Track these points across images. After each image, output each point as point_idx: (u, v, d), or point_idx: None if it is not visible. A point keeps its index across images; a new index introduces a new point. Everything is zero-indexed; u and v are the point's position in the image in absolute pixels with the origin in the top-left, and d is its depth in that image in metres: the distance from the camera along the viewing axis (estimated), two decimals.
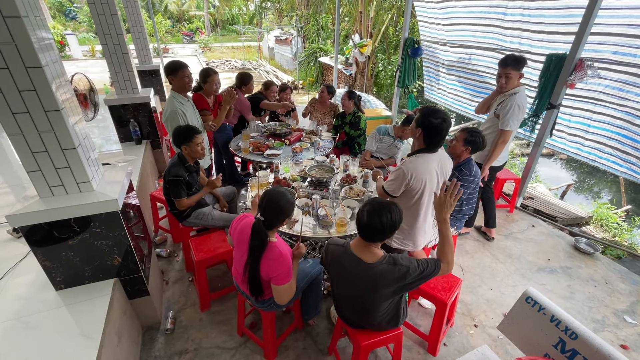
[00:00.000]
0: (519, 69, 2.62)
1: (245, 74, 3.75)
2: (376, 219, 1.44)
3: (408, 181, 1.87)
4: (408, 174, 1.86)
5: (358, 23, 10.40)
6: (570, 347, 1.47)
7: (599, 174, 6.93)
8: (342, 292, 1.69)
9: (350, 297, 1.65)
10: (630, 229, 4.19)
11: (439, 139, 1.85)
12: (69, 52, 16.33)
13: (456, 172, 2.38)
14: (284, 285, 1.65)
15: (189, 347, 2.18)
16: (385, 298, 1.56)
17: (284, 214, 1.64)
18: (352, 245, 1.57)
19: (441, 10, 4.51)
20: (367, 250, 1.53)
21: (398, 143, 3.28)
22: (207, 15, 27.05)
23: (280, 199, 1.62)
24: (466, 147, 2.35)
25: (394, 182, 1.94)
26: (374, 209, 1.45)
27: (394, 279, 1.49)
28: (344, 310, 1.76)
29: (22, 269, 2.04)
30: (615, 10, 2.79)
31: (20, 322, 1.67)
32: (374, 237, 1.48)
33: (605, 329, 2.39)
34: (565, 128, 3.44)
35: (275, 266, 1.61)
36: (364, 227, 1.47)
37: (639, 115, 2.82)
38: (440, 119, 1.78)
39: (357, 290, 1.58)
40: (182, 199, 2.35)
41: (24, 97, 1.44)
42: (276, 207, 1.61)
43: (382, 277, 1.49)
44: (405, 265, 1.48)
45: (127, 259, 1.94)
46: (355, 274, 1.54)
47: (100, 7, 3.23)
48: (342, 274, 1.62)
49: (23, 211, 1.59)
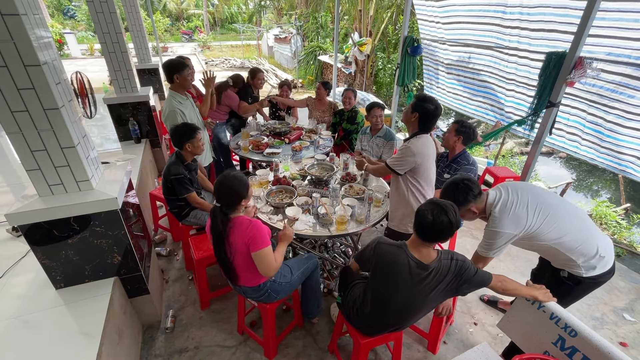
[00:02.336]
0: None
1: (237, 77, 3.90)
2: (443, 218, 1.39)
3: (415, 158, 2.00)
4: (415, 151, 1.99)
5: (357, 21, 10.37)
6: (569, 344, 1.47)
7: (598, 172, 6.93)
8: (387, 295, 1.57)
9: (398, 300, 1.55)
10: (629, 227, 4.20)
11: (433, 122, 2.02)
12: (67, 51, 16.27)
13: (454, 164, 2.41)
14: (262, 249, 1.65)
15: (189, 345, 2.18)
16: (440, 298, 1.55)
17: (235, 193, 1.67)
18: (409, 247, 1.53)
19: (440, 8, 4.49)
20: (424, 250, 1.50)
21: (376, 139, 3.25)
22: (206, 13, 26.96)
23: (229, 181, 1.67)
24: (458, 137, 2.47)
25: (401, 159, 2.04)
26: (439, 208, 1.41)
27: (453, 274, 1.48)
28: (379, 317, 1.63)
29: (21, 268, 2.04)
30: (608, 13, 2.80)
31: (20, 321, 1.67)
32: (439, 237, 1.44)
33: (605, 326, 2.39)
34: (564, 127, 3.44)
35: (247, 232, 1.65)
36: (430, 227, 1.41)
37: (629, 117, 2.84)
38: (434, 106, 1.97)
39: (411, 291, 1.51)
40: (192, 193, 2.38)
41: (22, 96, 1.44)
42: (226, 189, 1.66)
43: (441, 275, 1.48)
44: (461, 260, 1.51)
45: (127, 257, 1.94)
46: (413, 274, 1.48)
47: (99, 5, 3.22)
48: (396, 275, 1.51)
49: (22, 210, 1.59)
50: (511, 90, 3.83)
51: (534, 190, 1.69)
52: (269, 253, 1.68)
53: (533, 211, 1.60)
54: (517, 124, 3.50)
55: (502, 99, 4.01)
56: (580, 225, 1.65)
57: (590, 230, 1.65)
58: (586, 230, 1.64)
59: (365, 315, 1.67)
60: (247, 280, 1.81)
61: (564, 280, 1.72)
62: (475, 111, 4.50)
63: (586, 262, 1.62)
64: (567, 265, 1.69)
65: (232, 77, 3.84)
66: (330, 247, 2.97)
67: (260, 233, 1.66)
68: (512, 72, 3.74)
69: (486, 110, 4.32)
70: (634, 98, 2.80)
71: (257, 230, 1.66)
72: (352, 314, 1.74)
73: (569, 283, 1.71)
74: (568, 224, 1.62)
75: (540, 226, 1.60)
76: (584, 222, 1.67)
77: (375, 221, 2.27)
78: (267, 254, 1.67)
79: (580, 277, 1.67)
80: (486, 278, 1.53)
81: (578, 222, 1.65)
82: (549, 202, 1.64)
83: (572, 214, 1.67)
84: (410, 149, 1.99)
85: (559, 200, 1.72)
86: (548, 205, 1.63)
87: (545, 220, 1.60)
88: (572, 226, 1.62)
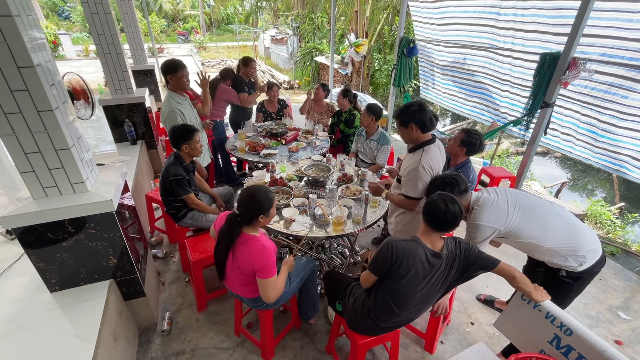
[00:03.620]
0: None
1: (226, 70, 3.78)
2: (455, 207, 1.48)
3: (430, 177, 1.90)
4: (428, 170, 1.88)
5: (354, 22, 10.40)
6: (565, 343, 1.48)
7: (593, 171, 7.00)
8: (406, 289, 1.55)
9: (417, 293, 1.56)
10: (623, 225, 4.25)
11: (430, 127, 1.92)
12: (62, 52, 16.13)
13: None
14: (269, 279, 1.64)
15: (186, 347, 2.17)
16: (451, 284, 1.61)
17: (257, 207, 1.64)
18: (422, 238, 1.57)
19: (435, 10, 4.52)
20: (434, 239, 1.56)
21: (370, 142, 3.25)
22: (202, 14, 26.90)
23: (254, 193, 1.66)
24: (461, 147, 2.32)
25: (419, 184, 1.90)
26: (450, 198, 1.50)
27: (461, 257, 1.55)
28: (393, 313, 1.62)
29: (15, 271, 2.02)
30: (603, 13, 2.82)
31: (14, 325, 1.66)
32: (451, 225, 1.50)
33: (600, 325, 2.41)
34: (558, 127, 3.47)
35: (259, 258, 1.62)
36: (444, 215, 1.47)
37: (623, 117, 2.87)
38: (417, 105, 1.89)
39: (429, 282, 1.55)
40: (191, 194, 2.38)
41: (16, 97, 1.43)
42: (249, 200, 1.64)
43: (451, 260, 1.55)
44: (464, 242, 1.59)
45: (123, 260, 1.93)
46: (431, 264, 1.53)
47: (93, 6, 3.20)
48: (417, 268, 1.51)
49: (16, 212, 1.57)
50: (506, 91, 3.86)
51: (513, 192, 1.81)
52: (275, 282, 1.68)
53: (513, 207, 1.71)
54: (512, 124, 3.52)
55: (497, 100, 4.04)
56: (562, 222, 1.72)
57: (573, 225, 1.72)
58: (569, 226, 1.71)
59: (378, 314, 1.63)
60: (241, 291, 1.82)
61: (563, 279, 1.76)
62: (471, 112, 4.53)
63: (576, 257, 1.68)
64: (560, 264, 1.73)
65: (220, 72, 3.76)
66: (328, 248, 2.97)
67: (270, 262, 1.64)
68: (507, 73, 3.78)
69: (482, 111, 4.35)
70: (628, 98, 2.83)
71: (268, 259, 1.63)
72: (359, 316, 1.69)
73: (568, 280, 1.75)
74: (550, 221, 1.70)
75: (521, 222, 1.69)
76: (564, 219, 1.74)
77: (372, 222, 2.27)
78: (273, 284, 1.67)
79: (577, 273, 1.72)
80: (491, 260, 1.57)
81: (559, 219, 1.73)
82: (528, 202, 1.75)
83: (553, 211, 1.75)
84: (425, 170, 1.87)
85: (540, 200, 1.80)
86: (527, 204, 1.75)
87: (525, 217, 1.69)
88: (554, 223, 1.70)
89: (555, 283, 1.78)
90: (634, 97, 2.79)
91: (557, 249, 1.68)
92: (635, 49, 2.70)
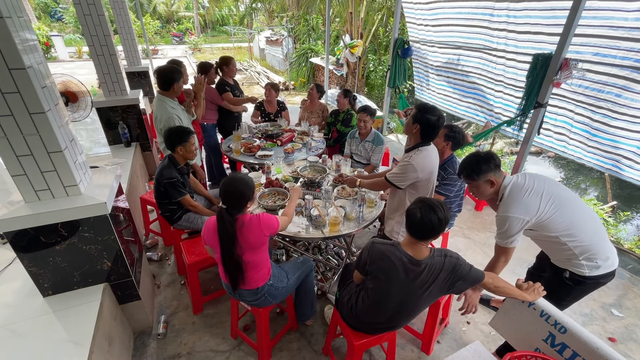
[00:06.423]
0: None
1: (204, 64, 3.53)
2: (432, 216, 1.44)
3: (417, 174, 1.97)
4: (417, 167, 1.96)
5: (348, 24, 10.43)
6: (559, 340, 1.50)
7: (586, 171, 7.08)
8: (382, 292, 1.59)
9: (393, 298, 1.57)
10: (616, 224, 4.30)
11: (435, 133, 1.99)
12: (55, 54, 15.99)
13: (441, 171, 2.40)
14: (280, 225, 1.76)
15: (181, 351, 2.15)
16: (434, 296, 1.57)
17: (242, 195, 1.67)
18: (403, 244, 1.56)
19: (429, 11, 4.55)
20: (417, 248, 1.53)
21: (365, 143, 3.27)
22: (196, 16, 26.81)
23: (236, 183, 1.67)
24: (447, 142, 2.43)
25: (402, 175, 2.02)
26: (428, 207, 1.46)
27: (447, 272, 1.51)
28: (373, 314, 1.66)
29: (7, 276, 1.99)
30: (598, 12, 2.85)
31: (7, 330, 1.63)
32: (429, 234, 1.48)
33: (594, 322, 2.44)
34: (552, 127, 3.51)
35: (261, 224, 1.68)
36: (419, 225, 1.47)
37: (615, 117, 2.90)
38: (436, 117, 1.93)
39: (405, 288, 1.54)
40: (186, 196, 2.37)
41: (7, 100, 1.41)
42: (232, 191, 1.66)
43: (435, 272, 1.51)
44: (454, 257, 1.53)
45: (117, 263, 1.91)
46: (408, 270, 1.52)
47: (86, 7, 3.17)
48: (390, 271, 1.54)
49: (8, 216, 1.55)
50: (499, 92, 3.89)
51: (550, 182, 1.69)
52: (284, 221, 1.86)
53: (546, 201, 1.60)
54: (506, 124, 3.55)
55: (491, 100, 4.07)
56: (593, 224, 1.66)
57: (601, 231, 1.68)
58: (598, 230, 1.67)
59: (359, 312, 1.69)
60: (249, 282, 1.79)
61: (565, 281, 1.73)
62: (465, 112, 4.56)
63: (591, 260, 1.63)
64: (570, 263, 1.69)
65: (198, 66, 3.52)
66: (324, 248, 2.97)
67: (271, 218, 1.73)
68: (500, 74, 3.80)
69: (476, 112, 4.38)
70: (620, 97, 2.86)
71: (268, 219, 1.71)
72: (345, 309, 1.76)
73: (570, 283, 1.72)
74: (580, 219, 1.64)
75: (552, 216, 1.60)
76: (594, 220, 1.68)
77: (369, 222, 2.27)
78: (284, 223, 1.86)
79: (582, 277, 1.67)
80: (480, 275, 1.56)
81: (590, 220, 1.67)
82: (564, 196, 1.65)
83: (585, 209, 1.69)
84: (412, 165, 1.95)
85: (573, 194, 1.73)
86: (562, 198, 1.63)
87: (557, 211, 1.60)
88: (583, 222, 1.64)
89: (557, 283, 1.76)
90: (627, 95, 2.82)
91: (578, 248, 1.62)
92: (628, 48, 2.73)
